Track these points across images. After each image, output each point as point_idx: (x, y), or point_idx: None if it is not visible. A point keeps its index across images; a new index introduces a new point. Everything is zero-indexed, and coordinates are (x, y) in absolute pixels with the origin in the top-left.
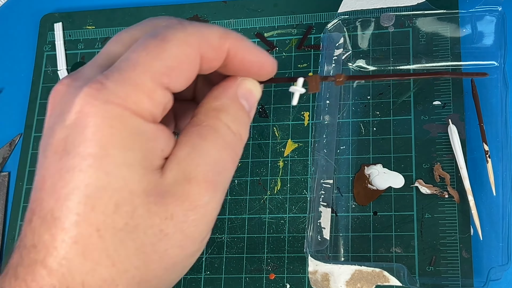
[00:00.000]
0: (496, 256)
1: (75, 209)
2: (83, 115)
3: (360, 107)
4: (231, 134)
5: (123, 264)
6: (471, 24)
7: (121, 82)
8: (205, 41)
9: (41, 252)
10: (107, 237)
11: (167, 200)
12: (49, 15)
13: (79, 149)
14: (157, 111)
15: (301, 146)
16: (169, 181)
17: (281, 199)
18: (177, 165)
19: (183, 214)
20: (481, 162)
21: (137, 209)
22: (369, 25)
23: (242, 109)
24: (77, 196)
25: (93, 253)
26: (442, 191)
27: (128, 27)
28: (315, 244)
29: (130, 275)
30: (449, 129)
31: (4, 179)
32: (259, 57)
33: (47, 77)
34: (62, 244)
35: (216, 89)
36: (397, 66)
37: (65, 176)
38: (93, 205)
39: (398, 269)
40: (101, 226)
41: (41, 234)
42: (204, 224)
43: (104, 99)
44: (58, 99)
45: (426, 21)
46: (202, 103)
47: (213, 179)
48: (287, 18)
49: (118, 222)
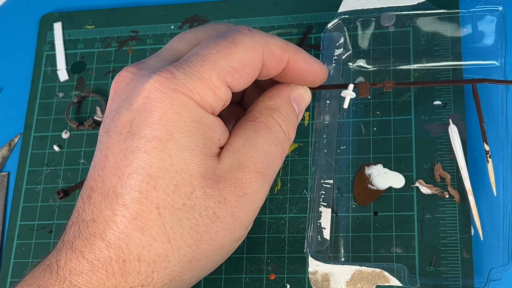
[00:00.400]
0: (497, 256)
1: (138, 187)
2: (151, 100)
3: (361, 107)
4: (282, 132)
5: (177, 241)
6: (472, 24)
7: (190, 74)
8: (269, 50)
9: (100, 226)
10: (166, 215)
11: (221, 185)
12: (48, 14)
13: (145, 132)
14: (218, 105)
15: (301, 146)
16: (225, 167)
17: (281, 199)
18: (232, 153)
19: (234, 199)
20: (481, 162)
21: (195, 190)
22: (370, 24)
23: (293, 111)
24: (140, 175)
25: (151, 229)
26: (442, 191)
27: (192, 28)
28: (315, 244)
29: (182, 252)
30: (449, 129)
31: (4, 179)
32: (314, 67)
33: (46, 76)
34: (122, 219)
35: (271, 90)
36: (397, 66)
37: (130, 156)
38: (155, 184)
39: (398, 269)
40: (161, 204)
41: (102, 209)
42: (251, 211)
43: (172, 88)
44: (123, 85)
45: (427, 20)
46: (257, 101)
47: (263, 170)
48: (287, 18)
49: (177, 202)
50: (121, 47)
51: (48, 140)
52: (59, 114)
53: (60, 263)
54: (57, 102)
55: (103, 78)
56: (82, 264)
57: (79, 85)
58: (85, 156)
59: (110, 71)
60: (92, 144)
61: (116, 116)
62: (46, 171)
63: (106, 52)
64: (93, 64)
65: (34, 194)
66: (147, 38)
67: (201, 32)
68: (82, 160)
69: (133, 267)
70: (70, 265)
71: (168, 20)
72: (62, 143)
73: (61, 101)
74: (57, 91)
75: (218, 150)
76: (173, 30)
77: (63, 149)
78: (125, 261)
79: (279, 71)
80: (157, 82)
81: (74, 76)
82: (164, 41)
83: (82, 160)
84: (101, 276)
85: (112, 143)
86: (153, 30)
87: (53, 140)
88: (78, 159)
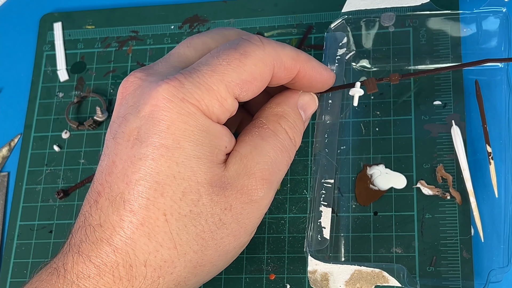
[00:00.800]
0: (497, 258)
1: (145, 194)
2: (159, 109)
3: (361, 107)
4: (288, 139)
5: (183, 247)
6: (475, 25)
7: (198, 84)
8: (279, 62)
9: (107, 231)
10: (172, 221)
11: (227, 192)
12: (48, 14)
13: (153, 139)
14: (224, 116)
15: (301, 146)
16: (231, 174)
17: (281, 199)
18: (239, 160)
19: (240, 206)
20: (483, 163)
21: (202, 197)
22: (373, 25)
23: (300, 118)
24: (148, 182)
25: (158, 235)
26: (444, 192)
27: (199, 33)
28: (315, 243)
29: (188, 258)
30: (452, 130)
31: (4, 179)
32: (323, 75)
33: (46, 77)
34: (129, 224)
35: (279, 97)
36: (398, 66)
37: (137, 163)
38: (162, 191)
39: (397, 269)
40: (168, 211)
41: (109, 214)
42: (256, 217)
43: (180, 97)
44: (131, 90)
45: (428, 21)
46: (264, 107)
47: (269, 177)
48: (287, 18)
49: (184, 209)
50: (121, 47)
51: (48, 140)
52: (59, 114)
53: (67, 266)
54: (57, 102)
55: (103, 78)
56: (89, 268)
57: (79, 85)
58: (85, 156)
59: (110, 71)
60: (92, 144)
61: (123, 122)
62: (46, 171)
63: (106, 52)
64: (93, 64)
65: (34, 194)
66: (147, 38)
67: (209, 38)
68: (82, 160)
69: (139, 272)
70: (77, 269)
71: (168, 20)
72: (62, 143)
73: (61, 101)
74: (57, 91)
75: (224, 157)
76: (173, 30)
77: (63, 149)
78: (132, 266)
79: (289, 80)
80: (165, 90)
81: (74, 76)
82: (164, 41)
83: (82, 160)
84: (108, 280)
85: (119, 149)
86: (153, 30)
87: (53, 140)
88: (78, 159)
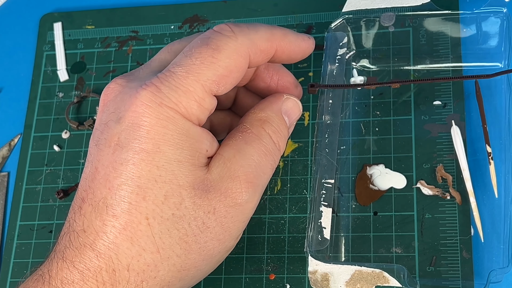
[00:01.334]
0: (497, 258)
1: (127, 198)
2: (138, 115)
3: (361, 107)
4: (272, 143)
5: (166, 251)
6: (475, 25)
7: (175, 88)
8: (254, 48)
9: (91, 236)
10: (155, 225)
11: (210, 195)
12: (48, 14)
13: (133, 144)
14: (204, 116)
15: (301, 146)
16: (214, 177)
17: (281, 199)
18: (222, 163)
19: (224, 209)
20: (483, 163)
21: (184, 201)
22: (374, 25)
23: (283, 123)
24: (130, 186)
25: (140, 240)
26: (444, 192)
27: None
28: (315, 243)
29: (171, 262)
30: (452, 130)
31: (4, 179)
32: (301, 46)
33: (46, 77)
34: (112, 229)
35: (263, 102)
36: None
37: (119, 168)
38: (144, 195)
39: (398, 270)
40: (150, 214)
41: (92, 219)
42: (241, 221)
43: (158, 102)
44: (111, 97)
45: (428, 21)
46: (248, 112)
47: (253, 180)
48: (287, 18)
49: (166, 212)
50: (121, 47)
51: (48, 140)
52: (59, 114)
53: (52, 272)
54: (57, 102)
55: (103, 78)
56: (73, 273)
57: (79, 85)
58: (85, 156)
59: (110, 71)
60: None
61: (105, 129)
62: (46, 171)
63: (106, 52)
64: (93, 64)
65: (34, 194)
66: (147, 38)
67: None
68: (82, 160)
69: (122, 277)
70: (62, 275)
71: (168, 20)
72: (62, 143)
73: (61, 101)
74: (57, 91)
75: (206, 160)
76: (173, 30)
77: (63, 149)
78: (115, 271)
79: (266, 61)
80: (143, 96)
81: (74, 76)
82: (164, 41)
83: (82, 160)
84: (91, 285)
85: (101, 155)
86: (153, 30)
87: (53, 140)
88: (78, 159)
